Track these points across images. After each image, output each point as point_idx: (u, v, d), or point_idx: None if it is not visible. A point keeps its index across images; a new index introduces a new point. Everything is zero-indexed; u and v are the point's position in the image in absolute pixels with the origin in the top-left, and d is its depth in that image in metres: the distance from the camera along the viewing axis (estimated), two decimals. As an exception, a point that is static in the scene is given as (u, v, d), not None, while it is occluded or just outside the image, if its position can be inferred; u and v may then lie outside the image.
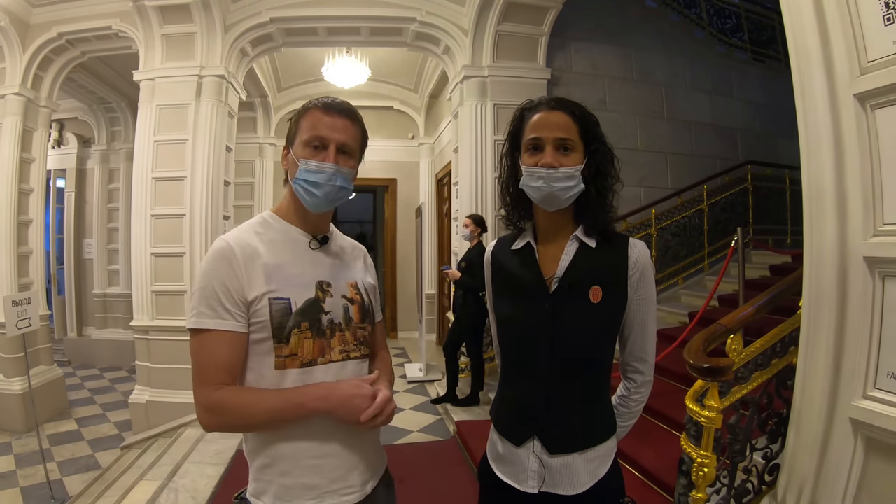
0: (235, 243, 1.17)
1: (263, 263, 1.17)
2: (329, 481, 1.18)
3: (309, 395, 1.13)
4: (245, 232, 1.23)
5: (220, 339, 1.12)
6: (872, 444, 1.72)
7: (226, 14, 5.03)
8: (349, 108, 1.25)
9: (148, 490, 3.43)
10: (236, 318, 1.13)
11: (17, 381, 5.02)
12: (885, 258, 1.66)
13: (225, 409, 1.11)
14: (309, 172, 1.20)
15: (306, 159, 1.20)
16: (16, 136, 5.19)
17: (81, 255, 8.17)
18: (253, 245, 1.19)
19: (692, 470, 2.07)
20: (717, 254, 5.85)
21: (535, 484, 1.22)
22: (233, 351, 1.13)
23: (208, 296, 1.13)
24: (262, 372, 1.16)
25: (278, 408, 1.11)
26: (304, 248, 1.26)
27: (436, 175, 8.19)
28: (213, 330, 1.12)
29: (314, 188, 1.20)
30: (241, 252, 1.16)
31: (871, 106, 1.69)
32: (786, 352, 2.31)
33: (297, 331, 1.16)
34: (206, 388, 1.11)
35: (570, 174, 1.19)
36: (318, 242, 1.28)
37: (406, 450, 4.17)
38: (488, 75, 5.12)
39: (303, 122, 1.23)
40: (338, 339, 1.23)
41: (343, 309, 1.25)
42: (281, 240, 1.24)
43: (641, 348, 1.29)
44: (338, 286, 1.26)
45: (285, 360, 1.16)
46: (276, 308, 1.15)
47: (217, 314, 1.12)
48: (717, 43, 6.65)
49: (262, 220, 1.27)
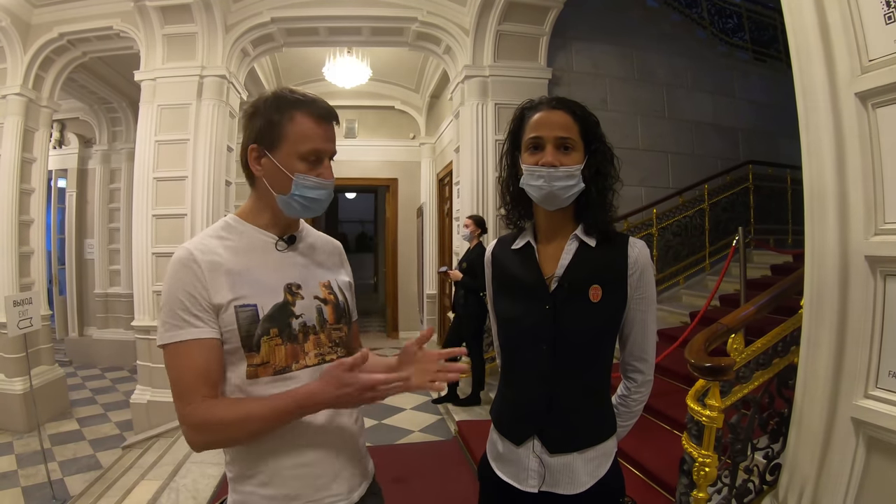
0: (196, 249, 1.11)
1: (226, 270, 1.11)
2: (312, 490, 1.14)
3: (293, 396, 1.06)
4: (207, 237, 1.16)
5: (193, 347, 1.06)
6: (874, 443, 1.72)
7: (227, 14, 5.03)
8: (334, 112, 1.19)
9: (149, 490, 3.43)
10: (207, 324, 1.07)
11: (18, 380, 5.02)
12: (887, 257, 1.66)
13: (212, 426, 1.04)
14: (308, 189, 1.14)
15: (304, 174, 1.13)
16: (17, 136, 5.20)
17: (83, 255, 8.18)
18: (215, 251, 1.13)
19: (693, 469, 2.06)
20: (718, 253, 5.84)
21: (536, 483, 1.22)
22: (209, 357, 1.07)
23: (174, 307, 1.07)
24: (235, 383, 1.11)
25: (266, 418, 1.05)
26: (270, 251, 1.19)
27: (437, 175, 8.19)
28: (185, 340, 1.06)
29: (313, 203, 1.16)
30: (202, 258, 1.10)
31: (872, 105, 1.68)
32: (787, 351, 2.31)
33: (267, 338, 1.11)
34: (190, 405, 1.04)
35: (570, 173, 1.19)
36: (286, 243, 1.21)
37: (407, 450, 4.17)
38: (489, 75, 5.12)
39: (290, 126, 1.13)
40: (312, 342, 1.18)
41: (316, 310, 1.20)
42: (245, 244, 1.17)
43: (641, 348, 1.29)
44: (309, 287, 1.20)
45: (257, 370, 1.10)
46: (243, 316, 1.09)
47: (188, 323, 1.06)
48: (718, 42, 6.65)
49: (226, 225, 1.20)
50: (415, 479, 3.46)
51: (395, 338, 8.76)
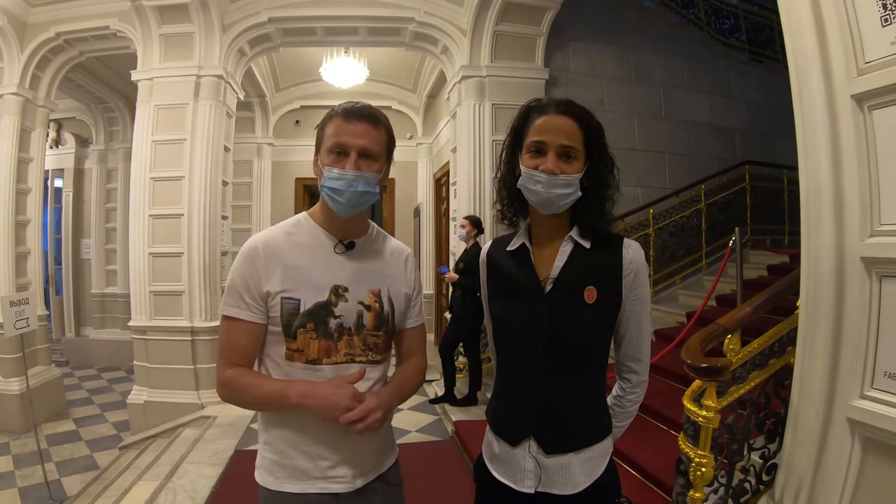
0: (262, 243, 1.27)
1: (283, 263, 1.26)
2: (319, 469, 1.26)
3: (294, 390, 1.21)
4: (276, 231, 1.32)
5: (239, 326, 1.26)
6: (870, 443, 1.72)
7: (224, 14, 5.02)
8: (371, 112, 1.28)
9: (146, 490, 3.43)
10: (253, 311, 1.25)
11: (15, 381, 5.01)
12: (883, 258, 1.66)
13: (232, 385, 1.25)
14: (331, 180, 1.24)
15: (329, 167, 1.25)
16: (14, 135, 5.18)
17: (79, 255, 8.16)
18: (279, 245, 1.28)
19: (690, 469, 2.07)
20: (714, 254, 5.85)
21: (532, 484, 1.22)
22: (248, 338, 1.26)
23: (233, 288, 1.26)
24: (276, 360, 1.28)
25: (269, 395, 1.23)
26: (328, 252, 1.31)
27: (434, 175, 8.19)
28: (235, 318, 1.25)
29: (336, 195, 1.25)
30: (264, 251, 1.26)
31: (868, 106, 1.69)
32: (783, 352, 2.31)
33: (303, 330, 1.24)
34: (223, 366, 1.27)
35: (569, 182, 1.19)
36: (344, 247, 1.31)
37: (404, 449, 4.12)
38: (486, 75, 5.12)
39: (327, 129, 1.28)
40: (345, 342, 1.28)
41: (357, 315, 1.29)
42: (307, 242, 1.31)
43: (636, 348, 1.29)
44: (356, 292, 1.30)
45: (293, 354, 1.26)
46: (287, 307, 1.24)
47: (238, 305, 1.25)
48: (715, 43, 6.66)
49: (297, 221, 1.35)
50: (411, 479, 3.44)
51: (392, 338, 8.75)
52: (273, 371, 1.29)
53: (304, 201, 8.57)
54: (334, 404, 1.17)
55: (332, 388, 1.19)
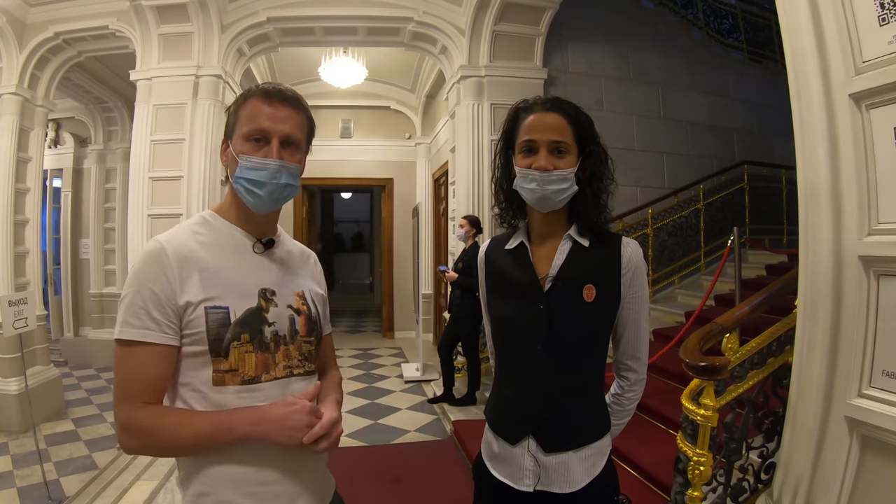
0: (168, 244, 1.06)
1: (200, 268, 1.06)
2: None
3: (240, 419, 1.01)
4: (182, 232, 1.11)
5: (145, 352, 1.01)
6: (868, 442, 1.73)
7: (223, 14, 5.02)
8: (293, 94, 1.14)
9: (145, 490, 3.42)
10: (164, 330, 1.02)
11: (13, 381, 5.00)
12: (880, 257, 1.67)
13: (146, 430, 1.00)
14: (250, 170, 1.09)
15: (246, 155, 1.09)
16: (12, 135, 5.16)
17: (78, 255, 8.14)
18: (189, 246, 1.08)
19: (688, 468, 2.07)
20: (713, 253, 5.86)
21: (531, 482, 1.22)
22: (159, 365, 1.02)
23: (135, 303, 1.02)
24: (198, 388, 1.05)
25: (206, 433, 1.00)
26: (247, 252, 1.15)
27: (433, 175, 8.19)
28: (139, 342, 1.01)
29: (256, 187, 1.09)
30: (174, 253, 1.05)
31: (866, 106, 1.69)
32: (781, 350, 2.32)
33: (237, 343, 1.05)
34: (127, 406, 1.01)
35: (563, 177, 1.19)
36: (263, 246, 1.17)
37: (403, 449, 4.17)
38: (485, 75, 5.12)
39: (242, 112, 1.11)
40: (282, 353, 1.12)
41: (289, 320, 1.14)
42: (221, 242, 1.13)
43: (635, 346, 1.30)
44: (283, 295, 1.15)
45: (224, 376, 1.05)
46: (213, 318, 1.03)
47: (143, 324, 1.01)
48: (713, 43, 6.67)
49: (202, 220, 1.16)
50: (410, 478, 3.47)
51: (390, 338, 8.75)
52: (196, 403, 1.05)
53: (302, 200, 8.57)
54: (294, 425, 1.01)
55: (286, 407, 1.02)
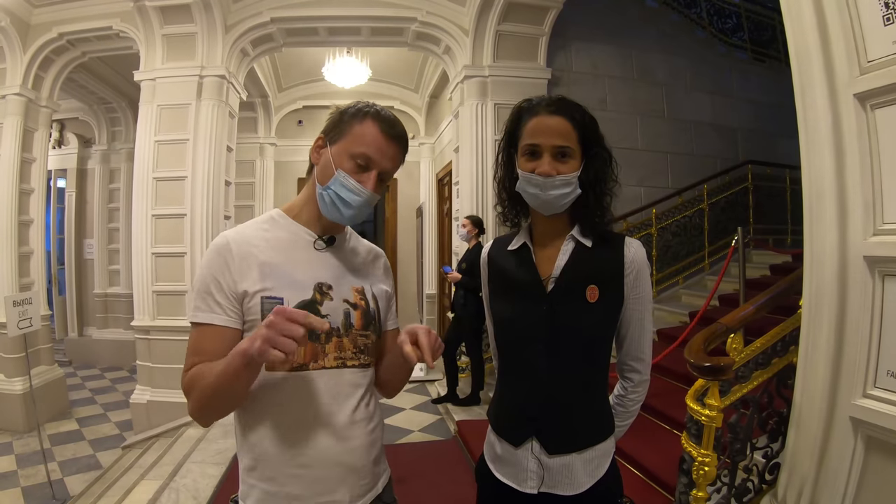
0: (233, 238, 1.15)
1: (260, 261, 1.13)
2: (313, 494, 1.12)
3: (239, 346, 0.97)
4: (248, 227, 1.20)
5: (208, 332, 1.10)
6: (873, 442, 1.72)
7: (226, 14, 5.03)
8: (405, 135, 1.21)
9: (149, 490, 3.43)
10: (227, 313, 1.10)
11: (18, 381, 5.02)
12: (885, 257, 1.66)
13: (190, 386, 1.07)
14: (345, 189, 1.14)
15: (346, 173, 1.14)
16: (17, 136, 5.20)
17: (82, 255, 8.18)
18: (253, 241, 1.16)
19: (693, 469, 2.07)
20: (717, 253, 5.84)
21: (535, 484, 1.22)
22: (218, 345, 1.08)
23: (202, 290, 1.12)
24: None
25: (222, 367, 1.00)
26: (308, 248, 1.20)
27: (436, 175, 8.18)
28: (205, 324, 1.10)
29: (344, 206, 1.15)
30: (236, 247, 1.13)
31: (871, 105, 1.68)
32: (786, 351, 2.31)
33: None
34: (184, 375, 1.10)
35: (566, 181, 1.18)
36: (325, 243, 1.22)
37: (407, 449, 4.18)
38: (489, 75, 5.12)
39: (356, 127, 1.16)
40: (334, 344, 1.16)
41: (343, 314, 1.18)
42: (284, 238, 1.19)
43: (638, 347, 1.29)
44: (340, 289, 1.19)
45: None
46: (268, 307, 1.09)
47: (209, 308, 1.10)
48: (717, 43, 6.65)
49: (270, 218, 1.24)
50: (414, 478, 3.46)
51: (394, 337, 8.75)
52: None
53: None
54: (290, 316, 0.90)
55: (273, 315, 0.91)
